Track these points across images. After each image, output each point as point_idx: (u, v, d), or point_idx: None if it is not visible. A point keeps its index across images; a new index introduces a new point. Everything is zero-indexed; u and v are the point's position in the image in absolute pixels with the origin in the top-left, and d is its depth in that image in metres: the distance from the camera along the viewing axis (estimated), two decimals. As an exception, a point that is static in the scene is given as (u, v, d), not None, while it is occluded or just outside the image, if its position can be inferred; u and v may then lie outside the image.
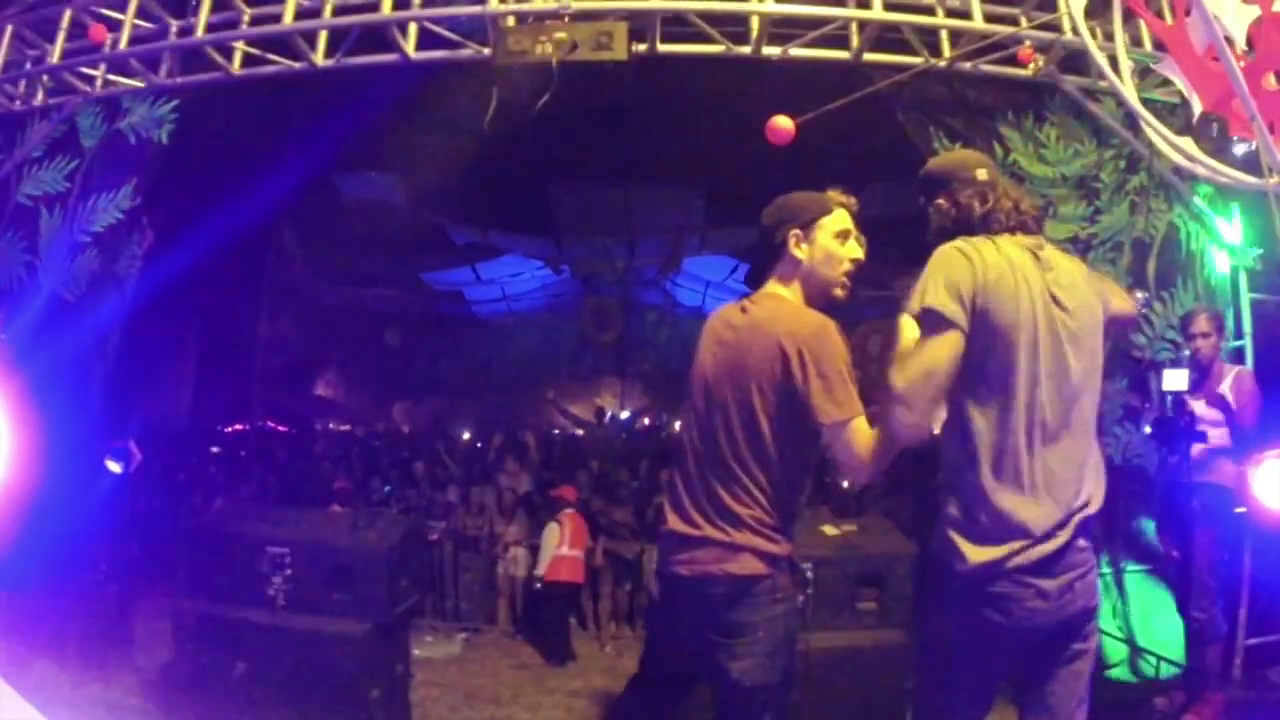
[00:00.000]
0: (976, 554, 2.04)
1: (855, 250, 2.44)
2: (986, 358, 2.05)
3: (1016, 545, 2.01)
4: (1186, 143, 2.93)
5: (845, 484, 2.10)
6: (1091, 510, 2.08)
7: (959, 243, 2.14)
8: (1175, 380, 3.88)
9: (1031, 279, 2.10)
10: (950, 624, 2.13)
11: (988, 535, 2.03)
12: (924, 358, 2.03)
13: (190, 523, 6.64)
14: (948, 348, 2.02)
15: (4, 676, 2.35)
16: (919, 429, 2.03)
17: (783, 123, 3.62)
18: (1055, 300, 2.12)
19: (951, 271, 2.07)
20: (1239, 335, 4.53)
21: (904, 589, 3.78)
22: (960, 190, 2.24)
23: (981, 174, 2.27)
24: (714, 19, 4.41)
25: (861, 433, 2.17)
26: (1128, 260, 4.66)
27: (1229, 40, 2.40)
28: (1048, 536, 2.01)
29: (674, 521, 2.39)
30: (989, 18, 4.42)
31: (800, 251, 2.40)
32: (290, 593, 3.98)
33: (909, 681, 2.49)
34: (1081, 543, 2.06)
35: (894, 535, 4.08)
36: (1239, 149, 3.51)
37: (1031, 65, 4.50)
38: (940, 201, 2.28)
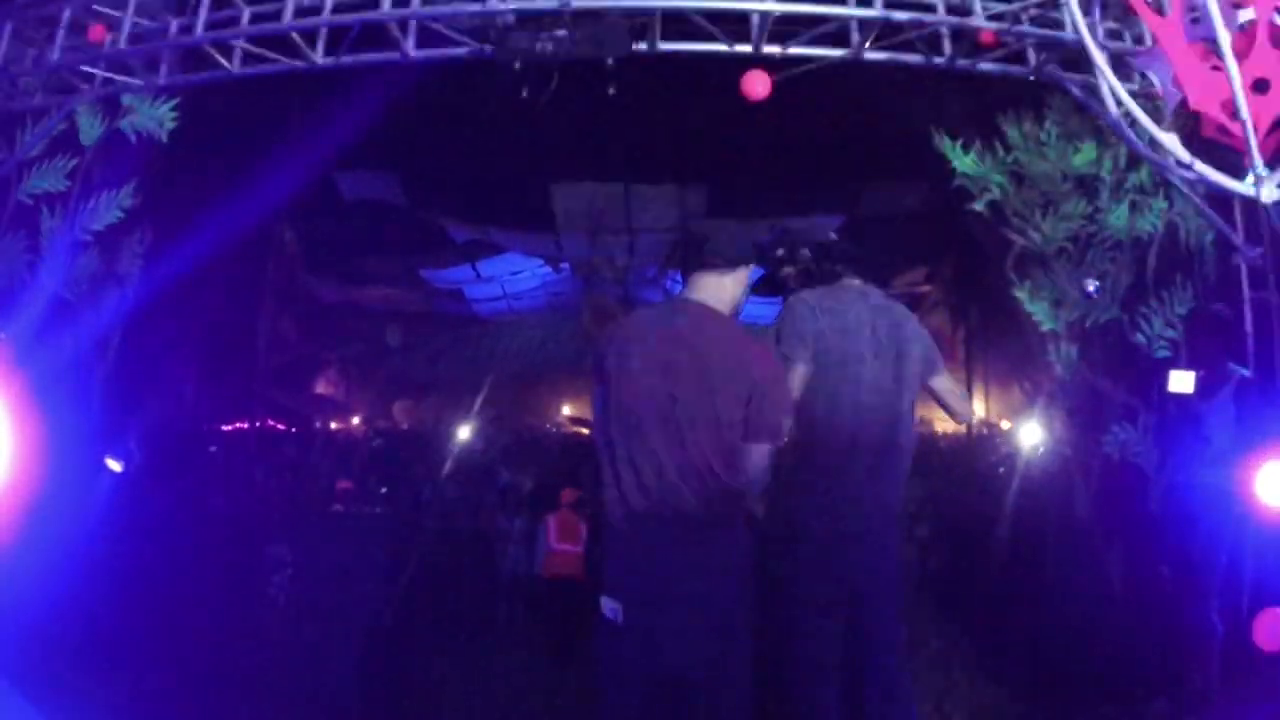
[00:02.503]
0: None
1: None
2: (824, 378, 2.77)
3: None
4: (1171, 139, 2.96)
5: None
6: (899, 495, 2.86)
7: (805, 295, 2.87)
8: (1181, 382, 3.90)
9: (861, 313, 2.85)
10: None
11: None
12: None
13: (190, 523, 6.64)
14: (798, 378, 2.77)
15: (5, 677, 2.35)
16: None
17: (759, 77, 3.73)
18: (879, 328, 2.85)
19: (797, 322, 2.81)
20: (1239, 335, 4.51)
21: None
22: (817, 251, 3.02)
23: (833, 235, 3.28)
24: (714, 17, 4.40)
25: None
26: (1127, 258, 4.66)
27: (1212, 41, 2.40)
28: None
29: (639, 522, 2.43)
30: (989, 15, 4.41)
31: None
32: (291, 592, 3.99)
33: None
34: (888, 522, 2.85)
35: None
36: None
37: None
38: (804, 253, 3.02)
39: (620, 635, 2.43)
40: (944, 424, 10.94)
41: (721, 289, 2.63)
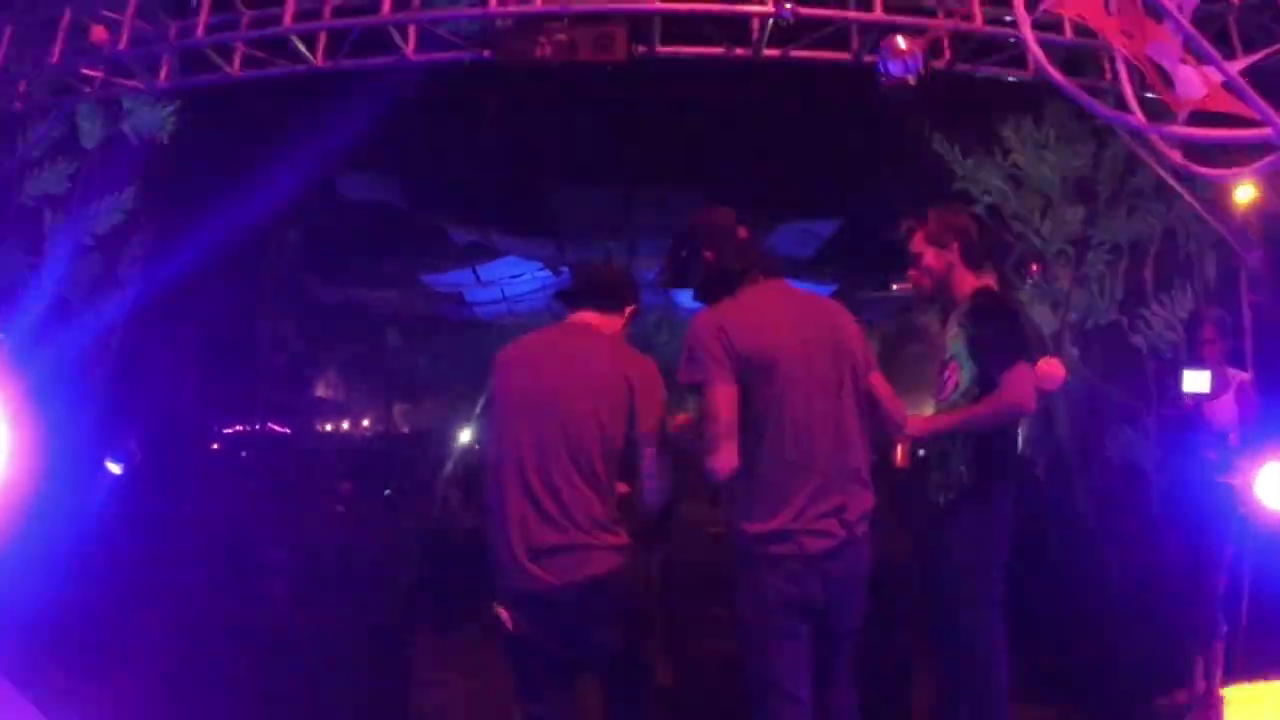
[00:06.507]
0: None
1: None
2: (755, 393, 2.43)
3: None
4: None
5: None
6: (862, 509, 2.50)
7: (707, 312, 2.54)
8: (1196, 382, 3.87)
9: (779, 317, 2.51)
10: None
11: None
12: (704, 413, 2.44)
13: (191, 523, 6.64)
14: (721, 398, 2.42)
15: (5, 676, 2.35)
16: (730, 464, 2.40)
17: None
18: (806, 326, 2.51)
19: (705, 341, 2.46)
20: (1239, 336, 4.53)
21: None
22: (725, 246, 2.61)
23: (742, 232, 2.64)
24: (714, 20, 4.42)
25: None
26: (1126, 262, 4.67)
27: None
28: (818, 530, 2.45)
29: (542, 534, 2.52)
30: (988, 19, 4.42)
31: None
32: (291, 593, 3.99)
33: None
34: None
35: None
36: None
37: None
38: (707, 255, 2.62)
39: (516, 638, 2.57)
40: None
41: (603, 322, 2.75)
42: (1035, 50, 2.52)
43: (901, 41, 2.86)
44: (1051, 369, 3.02)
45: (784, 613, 2.41)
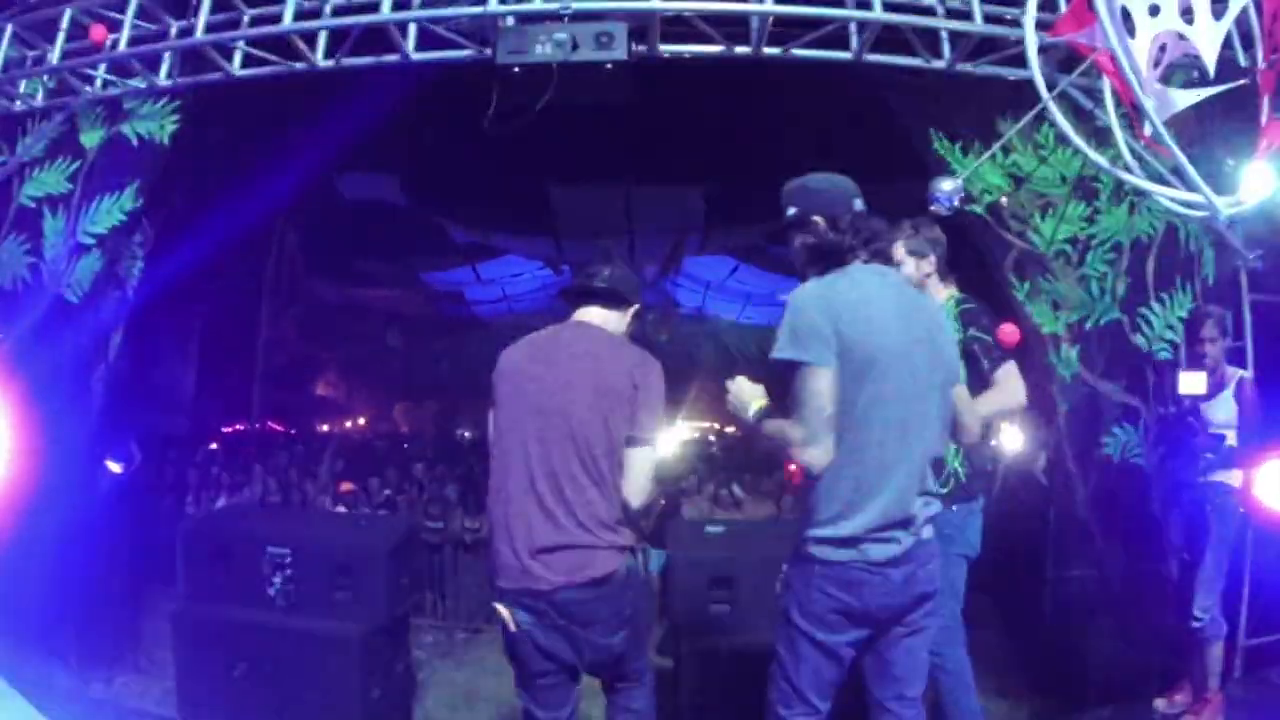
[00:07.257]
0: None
1: None
2: (847, 387, 2.24)
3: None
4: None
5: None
6: (929, 514, 2.35)
7: (809, 287, 2.32)
8: (1192, 384, 3.90)
9: (887, 307, 2.30)
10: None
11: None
12: (804, 399, 2.23)
13: (191, 523, 6.65)
14: (824, 383, 2.21)
15: (5, 676, 2.35)
16: (828, 457, 2.24)
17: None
18: (910, 318, 2.32)
19: (811, 316, 2.24)
20: (1239, 336, 4.53)
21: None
22: (840, 216, 2.39)
23: (858, 204, 2.44)
24: (714, 19, 4.42)
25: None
26: (1126, 261, 4.66)
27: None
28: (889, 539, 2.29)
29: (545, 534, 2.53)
30: (989, 18, 4.42)
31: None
32: (291, 593, 3.99)
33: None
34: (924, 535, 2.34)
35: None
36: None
37: None
38: (817, 219, 2.42)
39: (517, 637, 2.58)
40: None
41: (607, 320, 2.75)
42: (1048, 102, 2.54)
43: (946, 184, 3.10)
44: (1013, 330, 3.19)
45: (832, 622, 2.28)
